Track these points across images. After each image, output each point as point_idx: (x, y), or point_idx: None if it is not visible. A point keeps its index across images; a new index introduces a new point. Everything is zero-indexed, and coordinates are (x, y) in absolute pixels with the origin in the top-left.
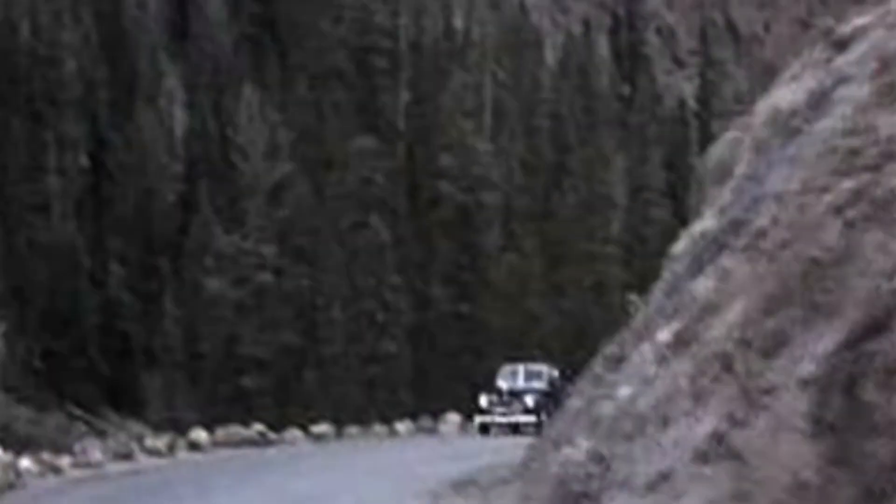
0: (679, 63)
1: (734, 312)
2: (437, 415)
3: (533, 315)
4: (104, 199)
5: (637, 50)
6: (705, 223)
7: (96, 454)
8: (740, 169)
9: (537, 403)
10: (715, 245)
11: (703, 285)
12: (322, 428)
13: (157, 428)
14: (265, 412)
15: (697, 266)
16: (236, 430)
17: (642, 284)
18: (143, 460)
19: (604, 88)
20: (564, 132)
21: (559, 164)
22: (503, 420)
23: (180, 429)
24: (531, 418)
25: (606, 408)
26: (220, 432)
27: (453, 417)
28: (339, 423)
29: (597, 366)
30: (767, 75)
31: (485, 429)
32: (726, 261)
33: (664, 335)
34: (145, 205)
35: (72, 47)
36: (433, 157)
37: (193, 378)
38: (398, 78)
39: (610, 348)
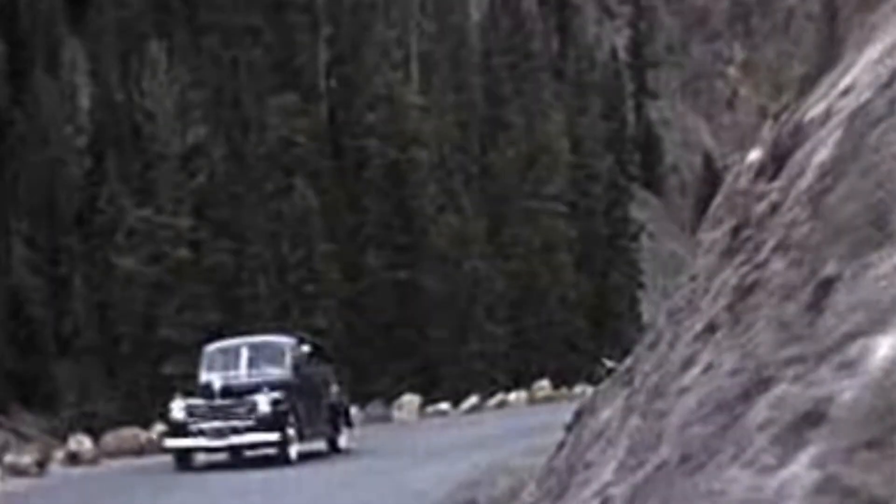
0: (609, 13)
1: None
2: (389, 400)
3: (476, 279)
4: (5, 177)
5: (565, 0)
6: None
7: None
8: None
9: (276, 408)
10: None
11: None
12: None
13: (72, 425)
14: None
15: None
16: (132, 435)
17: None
18: None
19: (533, 40)
20: (497, 85)
21: (494, 118)
22: (216, 443)
23: (97, 425)
24: (267, 436)
25: None
26: (110, 438)
27: (410, 401)
28: None
29: None
30: (700, 23)
31: (184, 460)
32: None
33: None
34: (49, 181)
35: None
36: (359, 113)
37: (109, 366)
38: (317, 33)
39: None
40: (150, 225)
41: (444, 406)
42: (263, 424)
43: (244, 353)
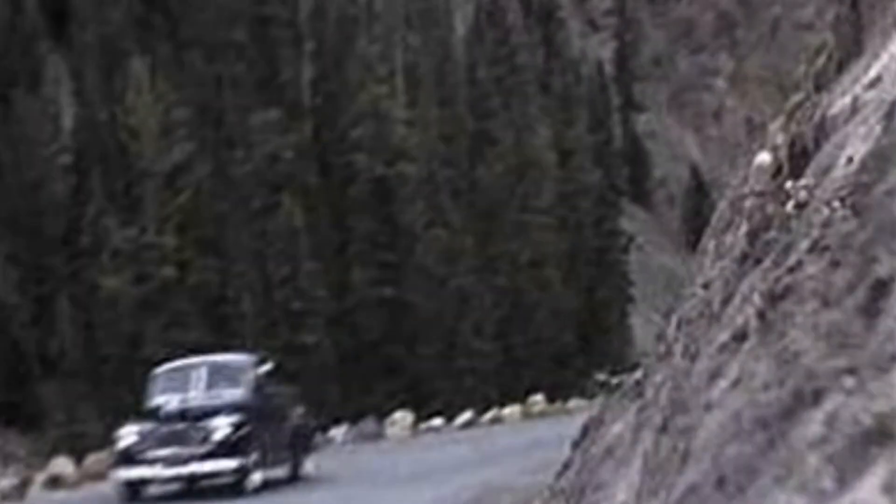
0: (594, 26)
1: None
2: (381, 416)
3: (464, 295)
4: None
5: (550, 13)
6: None
7: None
8: None
9: (236, 433)
10: None
11: None
12: None
13: (56, 447)
14: None
15: None
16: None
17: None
18: None
19: (519, 53)
20: (483, 98)
21: (481, 132)
22: (169, 472)
23: (84, 446)
24: (226, 463)
25: None
26: (93, 460)
27: (403, 418)
28: None
29: None
30: (686, 35)
31: (133, 491)
32: None
33: None
34: (33, 201)
35: None
36: (344, 129)
37: (95, 386)
38: (300, 48)
39: None
40: (134, 244)
41: (437, 422)
42: (222, 451)
43: (200, 374)
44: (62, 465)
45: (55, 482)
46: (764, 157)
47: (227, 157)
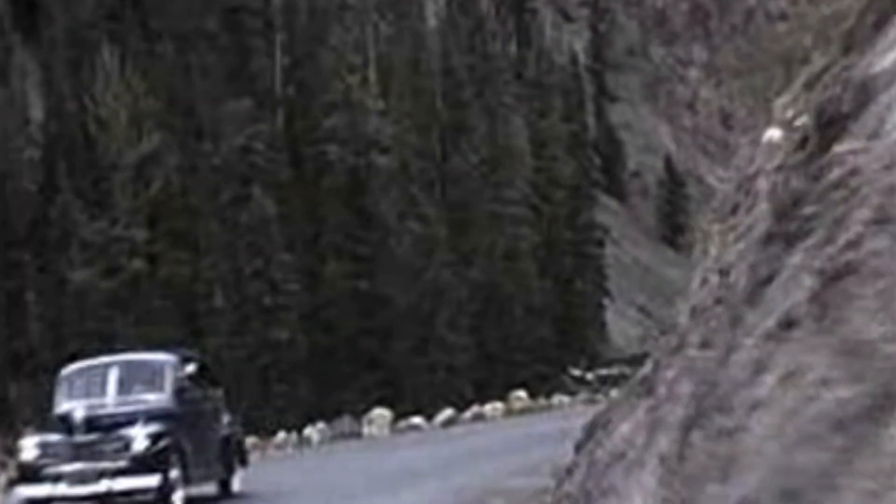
0: (566, 16)
1: None
2: (358, 414)
3: (439, 288)
4: None
5: (523, 3)
6: None
7: None
8: None
9: (156, 445)
10: None
11: None
12: None
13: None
14: None
15: None
16: None
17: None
18: None
19: (492, 43)
20: (457, 88)
21: (455, 122)
22: (79, 490)
23: None
24: (145, 480)
25: None
26: None
27: (381, 415)
28: None
29: None
30: (659, 26)
31: None
32: None
33: None
34: (0, 194)
35: None
36: (316, 119)
37: None
38: (272, 38)
39: None
40: (104, 237)
41: (417, 420)
42: (140, 466)
43: (113, 375)
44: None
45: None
46: (774, 133)
47: (198, 148)
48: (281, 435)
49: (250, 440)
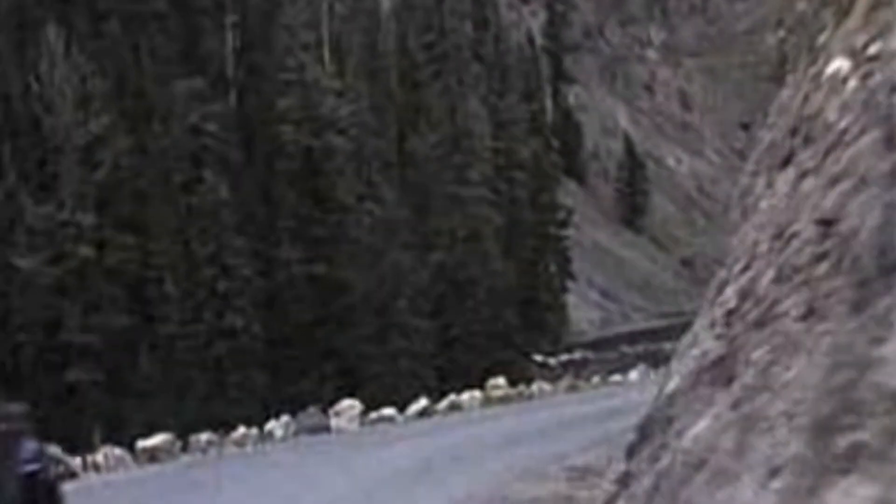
0: None
1: None
2: (325, 406)
3: (399, 271)
4: None
5: None
6: None
7: None
8: None
9: None
10: None
11: None
12: (156, 440)
13: None
14: (98, 409)
15: None
16: None
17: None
18: None
19: (449, 21)
20: (414, 68)
21: (412, 103)
22: None
23: None
24: None
25: None
26: None
27: (351, 407)
28: (184, 429)
29: None
30: (617, 6)
31: None
32: None
33: None
34: None
35: None
36: (269, 99)
37: (13, 375)
38: (223, 17)
39: None
40: (50, 223)
41: (389, 412)
42: None
43: None
44: None
45: None
46: (840, 64)
47: (147, 130)
48: (241, 430)
49: (204, 436)
